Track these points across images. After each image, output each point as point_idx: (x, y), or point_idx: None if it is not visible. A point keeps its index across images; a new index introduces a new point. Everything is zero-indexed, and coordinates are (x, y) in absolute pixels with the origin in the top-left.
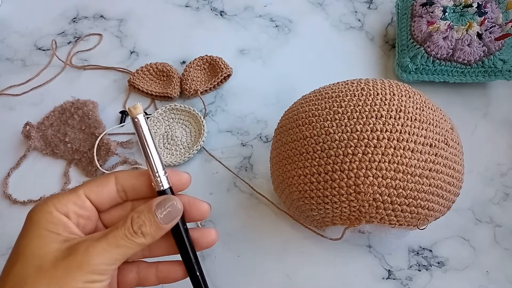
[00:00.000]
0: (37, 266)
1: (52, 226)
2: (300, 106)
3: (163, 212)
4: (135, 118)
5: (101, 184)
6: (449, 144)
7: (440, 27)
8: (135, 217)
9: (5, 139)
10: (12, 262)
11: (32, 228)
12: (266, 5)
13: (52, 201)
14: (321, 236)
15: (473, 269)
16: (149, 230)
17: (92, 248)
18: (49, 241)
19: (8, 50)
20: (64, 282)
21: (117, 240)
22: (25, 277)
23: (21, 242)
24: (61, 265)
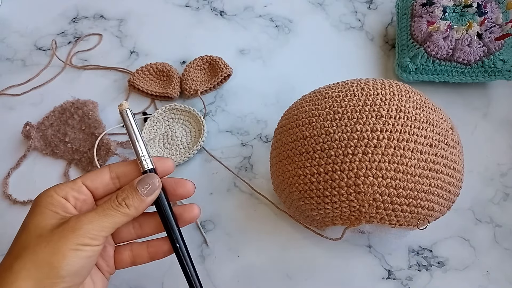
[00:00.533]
0: (37, 234)
1: (52, 206)
2: (300, 106)
3: (144, 186)
4: (122, 111)
5: (96, 172)
6: (449, 144)
7: (440, 27)
8: (119, 192)
9: (5, 139)
10: (17, 235)
11: (36, 208)
12: (266, 5)
13: (53, 187)
14: (321, 236)
15: (473, 269)
16: (132, 202)
17: (83, 217)
18: (49, 217)
19: (8, 50)
20: (61, 244)
21: (104, 210)
22: (27, 243)
23: (26, 220)
24: (56, 231)
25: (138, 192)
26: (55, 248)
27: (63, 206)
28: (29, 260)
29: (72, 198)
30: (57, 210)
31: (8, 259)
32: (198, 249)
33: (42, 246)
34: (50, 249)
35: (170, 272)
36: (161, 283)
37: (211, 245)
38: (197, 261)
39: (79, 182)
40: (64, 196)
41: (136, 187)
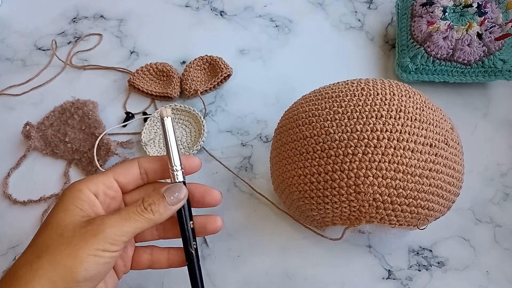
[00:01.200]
0: (59, 234)
1: (80, 202)
2: (300, 106)
3: (171, 195)
4: (164, 118)
5: (127, 167)
6: (449, 144)
7: (440, 27)
8: (145, 197)
9: (5, 139)
10: (39, 231)
11: (62, 202)
12: (266, 5)
13: (85, 181)
14: (321, 236)
15: (473, 269)
16: (157, 208)
17: (107, 219)
18: (73, 214)
19: (8, 50)
20: (80, 248)
21: (129, 214)
22: (49, 242)
23: (50, 214)
24: (78, 233)
25: (165, 200)
26: (74, 252)
27: (92, 203)
28: (47, 260)
29: (102, 194)
30: (84, 207)
31: (30, 254)
32: (198, 249)
33: (62, 248)
34: (70, 252)
35: (170, 272)
36: (161, 283)
37: (211, 245)
38: None
39: (111, 177)
40: (95, 192)
41: (163, 194)
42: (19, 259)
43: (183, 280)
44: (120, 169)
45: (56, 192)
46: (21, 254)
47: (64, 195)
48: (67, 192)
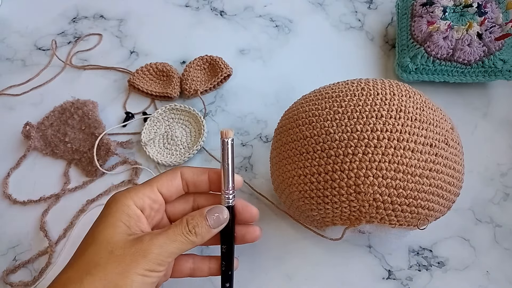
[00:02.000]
0: (109, 251)
1: (127, 218)
2: (300, 106)
3: (212, 217)
4: (226, 139)
5: (170, 179)
6: (449, 144)
7: (440, 27)
8: (189, 219)
9: (5, 139)
10: (86, 244)
11: (109, 216)
12: (266, 5)
13: (130, 194)
14: (321, 236)
15: (473, 269)
16: (200, 231)
17: (155, 240)
18: (121, 231)
19: (8, 50)
20: (129, 267)
21: (175, 235)
22: (98, 258)
23: (96, 228)
24: (128, 252)
25: (207, 222)
26: (126, 272)
27: (138, 219)
28: (99, 278)
29: (148, 208)
30: (131, 224)
31: (78, 270)
32: (198, 249)
33: (113, 267)
34: (120, 271)
35: None
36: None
37: (211, 246)
38: None
39: (155, 189)
40: (141, 207)
41: (206, 216)
42: (66, 273)
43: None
44: (164, 180)
45: (56, 192)
46: (67, 267)
47: (110, 209)
48: (113, 206)
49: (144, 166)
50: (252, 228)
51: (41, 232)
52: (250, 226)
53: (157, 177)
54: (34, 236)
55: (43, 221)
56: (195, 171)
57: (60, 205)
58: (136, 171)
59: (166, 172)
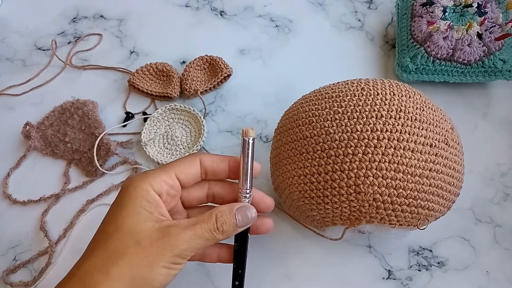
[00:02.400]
0: (135, 241)
1: (147, 204)
2: (300, 106)
3: (241, 216)
4: (246, 138)
5: (189, 165)
6: (449, 144)
7: (440, 27)
8: (219, 215)
9: (5, 139)
10: (109, 232)
11: (130, 203)
12: (266, 5)
13: (148, 178)
14: (321, 236)
15: (473, 269)
16: (227, 229)
17: (183, 234)
18: (144, 218)
19: (8, 50)
20: (156, 260)
21: (202, 232)
22: (124, 248)
23: (119, 215)
24: (155, 244)
25: (235, 221)
26: (152, 264)
27: (157, 205)
28: (126, 270)
29: (165, 194)
30: (152, 210)
31: (103, 259)
32: None
33: (140, 258)
34: (147, 264)
35: None
36: None
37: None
38: None
39: (173, 175)
40: (159, 192)
41: (235, 214)
42: (89, 260)
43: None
44: (183, 167)
45: (56, 192)
46: (89, 254)
47: (129, 195)
48: (132, 191)
49: (144, 166)
50: (265, 219)
51: (41, 232)
52: (263, 218)
53: (175, 162)
54: (34, 236)
55: (43, 221)
56: (215, 159)
57: (60, 205)
58: (136, 171)
59: (185, 158)
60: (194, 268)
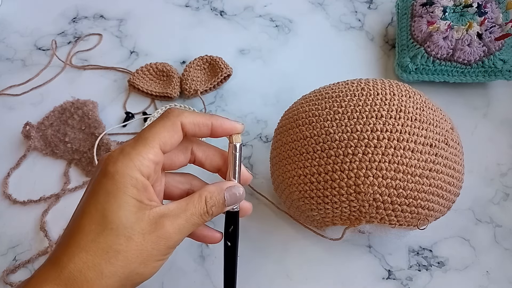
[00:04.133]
0: (127, 236)
1: (137, 192)
2: (300, 106)
3: (229, 195)
4: (234, 143)
5: (173, 133)
6: (449, 144)
7: (440, 27)
8: (208, 197)
9: (5, 139)
10: (98, 227)
11: (119, 194)
12: (266, 5)
13: (134, 162)
14: (321, 236)
15: (473, 269)
16: (216, 210)
17: (176, 225)
18: (135, 210)
19: (8, 50)
20: (151, 255)
21: (194, 218)
22: (117, 245)
23: (107, 208)
24: (149, 239)
25: (225, 201)
26: (147, 260)
27: (147, 190)
28: (121, 268)
29: (152, 173)
30: (141, 197)
31: (95, 256)
32: (198, 249)
33: (135, 256)
34: (142, 260)
35: (170, 273)
36: (161, 283)
37: (211, 245)
38: (197, 261)
39: (159, 150)
40: (147, 175)
41: (224, 194)
42: (79, 258)
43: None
44: (166, 137)
45: (56, 192)
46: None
47: (116, 184)
48: (120, 180)
49: None
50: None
51: (41, 232)
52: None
53: (156, 131)
54: (34, 236)
55: (43, 221)
56: (196, 122)
57: (60, 205)
58: None
59: (165, 125)
60: (194, 268)
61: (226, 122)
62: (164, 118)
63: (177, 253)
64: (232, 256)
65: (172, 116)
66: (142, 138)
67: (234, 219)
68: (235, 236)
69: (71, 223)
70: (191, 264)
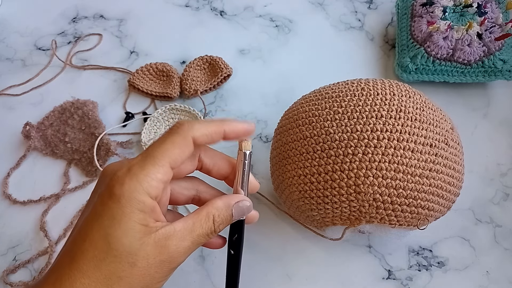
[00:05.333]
0: (131, 263)
1: (143, 217)
2: (300, 106)
3: (236, 210)
4: (244, 151)
5: (184, 149)
6: (449, 144)
7: (440, 27)
8: (216, 215)
9: (5, 139)
10: (101, 253)
11: (124, 220)
12: (266, 5)
13: (142, 183)
14: (321, 236)
15: (473, 269)
16: (223, 227)
17: (182, 248)
18: (140, 236)
19: (8, 50)
20: (154, 278)
21: (200, 239)
22: (120, 271)
23: (111, 234)
24: (153, 264)
25: (232, 217)
26: (151, 283)
27: (154, 212)
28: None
29: (160, 193)
30: (147, 221)
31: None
32: (198, 249)
33: (138, 280)
34: (146, 284)
35: None
36: None
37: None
38: (197, 261)
39: (169, 169)
40: (155, 196)
41: (232, 210)
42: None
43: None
44: (177, 155)
45: (56, 192)
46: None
47: (122, 209)
48: (126, 204)
49: None
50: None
51: (41, 232)
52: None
53: (166, 149)
54: (34, 236)
55: (43, 221)
56: (208, 133)
57: (60, 205)
58: None
59: (175, 141)
60: (194, 268)
61: (239, 126)
62: (174, 134)
63: None
64: (235, 265)
65: (182, 131)
66: (151, 156)
67: (239, 227)
68: (239, 244)
69: (71, 244)
70: (191, 264)
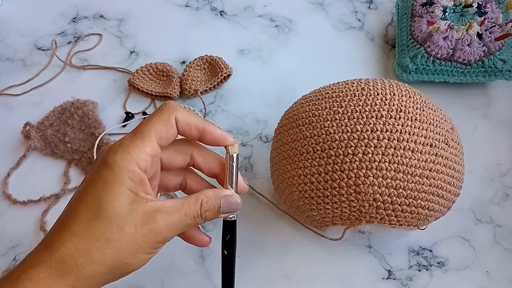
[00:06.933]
0: (119, 226)
1: (133, 185)
2: (300, 106)
3: (225, 203)
4: (231, 154)
5: (168, 127)
6: (449, 144)
7: (440, 27)
8: (204, 201)
9: (5, 139)
10: (93, 215)
11: (116, 185)
12: (266, 5)
13: (132, 155)
14: (321, 236)
15: (473, 269)
16: (210, 215)
17: (168, 221)
18: (130, 201)
19: (8, 50)
20: (141, 247)
21: (187, 219)
22: (109, 234)
23: (103, 197)
24: (141, 232)
25: (220, 208)
26: (136, 251)
27: (143, 183)
28: (111, 257)
29: (149, 167)
30: (137, 190)
31: (86, 242)
32: (198, 249)
33: (125, 246)
34: (132, 251)
35: (170, 273)
36: (161, 283)
37: (211, 245)
38: (197, 261)
39: (156, 144)
40: (144, 169)
41: (221, 201)
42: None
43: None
44: (162, 131)
45: (56, 192)
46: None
47: (114, 175)
48: (118, 171)
49: None
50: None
51: (41, 232)
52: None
53: (152, 125)
54: (34, 236)
55: (43, 221)
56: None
57: (60, 205)
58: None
59: (161, 118)
60: (194, 268)
61: (217, 131)
62: (160, 111)
63: (177, 253)
64: (229, 265)
65: (167, 109)
66: (140, 131)
67: (231, 228)
68: (232, 245)
69: (67, 208)
70: (191, 264)
